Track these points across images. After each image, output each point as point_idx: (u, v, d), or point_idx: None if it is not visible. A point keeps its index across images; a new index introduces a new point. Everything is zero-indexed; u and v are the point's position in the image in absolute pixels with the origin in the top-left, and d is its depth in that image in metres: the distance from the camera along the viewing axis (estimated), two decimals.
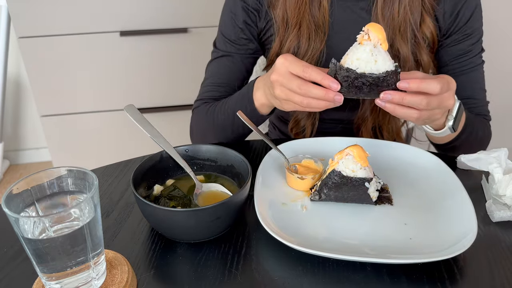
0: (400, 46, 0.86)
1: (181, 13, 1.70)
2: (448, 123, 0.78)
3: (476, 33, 0.91)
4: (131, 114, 0.73)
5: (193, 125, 0.99)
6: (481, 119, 0.94)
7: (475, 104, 0.94)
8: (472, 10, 0.89)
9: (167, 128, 1.35)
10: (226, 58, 0.96)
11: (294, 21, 0.87)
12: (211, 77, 0.98)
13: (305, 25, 0.87)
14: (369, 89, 0.65)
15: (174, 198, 0.69)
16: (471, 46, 0.91)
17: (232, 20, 0.93)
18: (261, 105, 0.83)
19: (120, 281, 0.56)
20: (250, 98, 0.84)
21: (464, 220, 0.65)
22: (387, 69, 0.64)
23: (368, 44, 0.64)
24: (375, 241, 0.64)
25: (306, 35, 0.88)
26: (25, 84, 2.16)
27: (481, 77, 0.95)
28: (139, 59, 1.75)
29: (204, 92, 0.99)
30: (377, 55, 0.64)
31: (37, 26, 1.63)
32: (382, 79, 0.64)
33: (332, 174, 0.69)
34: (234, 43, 0.95)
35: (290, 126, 1.00)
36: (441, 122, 0.78)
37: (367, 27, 0.65)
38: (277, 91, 0.72)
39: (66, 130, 1.83)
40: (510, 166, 0.75)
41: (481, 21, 0.92)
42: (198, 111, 0.97)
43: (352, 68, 0.65)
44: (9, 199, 0.49)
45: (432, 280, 0.59)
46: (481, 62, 0.94)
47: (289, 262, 0.62)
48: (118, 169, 0.83)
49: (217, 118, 0.91)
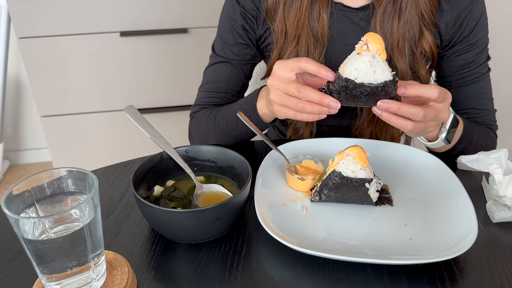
0: (398, 61, 0.86)
1: (181, 13, 1.70)
2: (441, 135, 0.77)
3: (480, 43, 0.89)
4: (131, 114, 0.73)
5: (192, 130, 0.99)
6: (484, 129, 0.92)
7: (478, 114, 0.92)
8: (476, 19, 0.86)
9: (167, 128, 1.36)
10: (225, 65, 0.96)
11: (293, 34, 0.87)
12: (209, 83, 0.98)
13: (304, 38, 0.87)
14: (367, 98, 0.66)
15: (174, 199, 0.69)
16: (475, 56, 0.89)
17: (230, 25, 0.93)
18: (264, 114, 0.83)
19: (120, 282, 0.56)
20: (254, 107, 0.83)
21: (464, 221, 0.65)
22: (386, 79, 0.64)
23: (367, 54, 0.64)
24: (375, 241, 0.64)
25: (305, 47, 0.87)
26: (25, 84, 2.16)
27: (487, 87, 0.93)
28: (139, 59, 1.75)
29: (202, 97, 0.98)
30: (376, 66, 0.64)
31: (37, 26, 1.63)
32: (380, 89, 0.64)
33: (332, 175, 0.69)
34: (232, 48, 0.94)
35: (289, 134, 1.00)
36: (434, 134, 0.77)
37: (365, 37, 0.65)
38: (272, 95, 0.72)
39: (66, 130, 1.83)
40: (510, 167, 0.75)
41: (486, 29, 0.89)
42: (197, 116, 0.97)
43: (350, 78, 0.65)
44: (9, 199, 0.49)
45: (433, 280, 0.59)
46: (487, 71, 0.92)
47: (289, 263, 0.62)
48: (118, 170, 0.83)
49: (219, 123, 0.91)
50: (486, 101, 0.93)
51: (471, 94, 0.91)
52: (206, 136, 0.94)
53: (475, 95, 0.92)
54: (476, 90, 0.91)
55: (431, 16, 0.85)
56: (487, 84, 0.93)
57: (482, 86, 0.92)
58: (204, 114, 0.95)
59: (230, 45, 0.94)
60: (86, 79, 1.75)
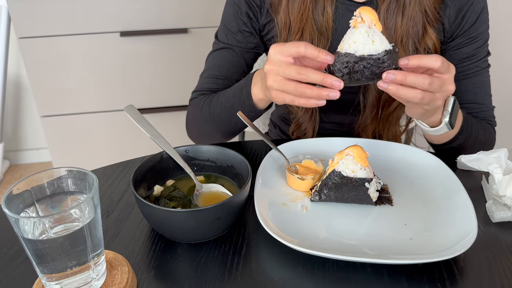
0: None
1: (181, 13, 1.70)
2: (444, 119, 0.76)
3: (481, 37, 0.89)
4: (131, 114, 0.73)
5: (189, 118, 0.99)
6: (484, 124, 0.92)
7: (478, 109, 0.92)
8: (478, 13, 0.87)
9: (167, 128, 1.36)
10: (227, 51, 0.95)
11: (297, 27, 0.87)
12: (210, 69, 0.97)
13: (308, 31, 0.87)
14: (369, 72, 0.64)
15: (174, 198, 0.69)
16: (476, 50, 0.90)
17: (235, 12, 0.93)
18: (258, 100, 0.82)
19: (120, 281, 0.56)
20: (248, 93, 0.83)
21: (464, 221, 0.65)
22: (385, 49, 0.63)
23: (363, 26, 0.63)
24: (375, 241, 0.64)
25: (309, 40, 0.87)
26: (25, 84, 2.16)
27: (486, 82, 0.93)
28: (139, 59, 1.75)
29: (202, 83, 0.98)
30: (374, 35, 0.63)
31: (37, 26, 1.63)
32: (382, 60, 0.63)
33: (332, 175, 0.69)
34: (236, 35, 0.94)
35: (291, 130, 1.00)
36: (437, 119, 0.76)
37: (358, 11, 0.64)
38: (270, 81, 0.70)
39: (66, 130, 1.83)
40: (510, 167, 0.75)
41: (487, 24, 0.90)
42: (194, 102, 0.97)
43: (350, 52, 0.63)
44: (9, 199, 0.49)
45: (432, 280, 0.59)
46: (487, 66, 0.92)
47: (289, 262, 0.62)
48: (118, 169, 0.83)
49: (213, 111, 0.91)
50: (485, 96, 0.93)
51: (470, 88, 0.91)
52: (201, 123, 0.94)
53: (475, 89, 0.92)
54: (476, 84, 0.91)
55: (435, 12, 0.85)
56: (486, 79, 0.93)
57: (482, 81, 0.92)
58: (199, 102, 0.94)
59: (233, 32, 0.94)
60: (86, 79, 1.75)
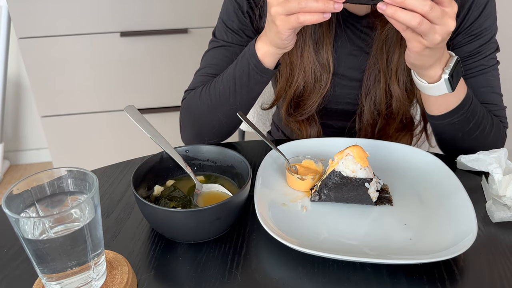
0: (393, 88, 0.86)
1: (181, 13, 1.70)
2: (444, 75, 0.72)
3: (486, 33, 0.84)
4: (131, 114, 0.73)
5: (184, 116, 0.93)
6: (493, 116, 0.86)
7: (486, 109, 0.85)
8: (481, 8, 0.82)
9: (167, 128, 1.36)
10: (225, 49, 0.91)
11: (297, 68, 0.87)
12: (207, 67, 0.92)
13: (310, 70, 0.87)
14: None
15: (174, 198, 0.69)
16: (480, 47, 0.84)
17: (235, 9, 0.90)
18: (264, 54, 0.79)
19: (120, 281, 0.56)
20: (252, 51, 0.80)
21: (464, 221, 0.65)
22: None
23: None
24: (375, 241, 0.64)
25: (312, 76, 0.88)
26: (25, 84, 2.16)
27: (494, 80, 0.86)
28: (139, 59, 1.75)
29: (197, 82, 0.93)
30: None
31: (37, 26, 1.63)
32: None
33: (332, 175, 0.69)
34: (235, 33, 0.91)
35: None
36: (437, 73, 0.73)
37: None
38: (273, 11, 0.70)
39: (67, 130, 1.83)
40: (510, 167, 0.75)
41: (492, 18, 0.84)
42: (188, 99, 0.92)
43: None
44: (9, 199, 0.49)
45: (432, 280, 0.59)
46: (494, 64, 0.86)
47: (289, 262, 0.62)
48: (118, 169, 0.83)
49: (214, 92, 0.86)
50: (494, 95, 0.87)
51: (475, 87, 0.85)
52: (198, 121, 0.90)
53: (479, 89, 0.86)
54: (480, 83, 0.86)
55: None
56: (494, 78, 0.87)
57: (488, 79, 0.86)
58: (195, 94, 0.90)
59: (232, 29, 0.91)
60: (86, 79, 1.75)
